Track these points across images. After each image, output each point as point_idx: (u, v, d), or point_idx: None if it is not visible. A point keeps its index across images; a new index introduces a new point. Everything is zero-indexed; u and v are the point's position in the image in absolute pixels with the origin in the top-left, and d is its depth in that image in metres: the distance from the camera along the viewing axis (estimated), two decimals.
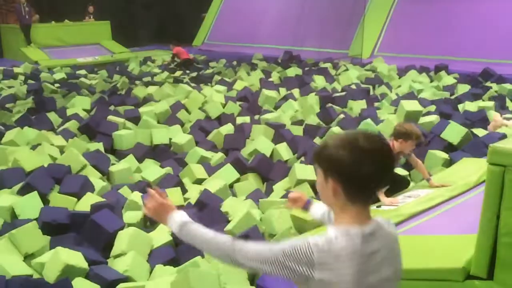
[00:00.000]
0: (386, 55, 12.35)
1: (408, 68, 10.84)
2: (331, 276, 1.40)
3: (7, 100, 8.91)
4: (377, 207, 3.81)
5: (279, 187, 5.12)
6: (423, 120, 6.53)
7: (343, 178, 1.44)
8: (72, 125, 6.90)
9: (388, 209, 3.70)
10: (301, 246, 1.43)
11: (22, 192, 4.60)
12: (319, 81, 9.73)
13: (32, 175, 4.86)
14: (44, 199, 4.58)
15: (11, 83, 10.88)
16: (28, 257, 3.66)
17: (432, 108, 7.34)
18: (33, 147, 5.82)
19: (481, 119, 6.73)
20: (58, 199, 4.55)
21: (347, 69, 11.03)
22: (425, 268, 2.61)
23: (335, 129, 6.09)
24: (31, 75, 11.84)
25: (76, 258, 3.38)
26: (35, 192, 4.49)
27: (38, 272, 3.42)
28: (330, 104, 7.76)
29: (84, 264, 3.38)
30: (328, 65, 11.71)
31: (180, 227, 1.66)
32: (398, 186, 4.31)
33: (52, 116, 7.47)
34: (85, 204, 4.45)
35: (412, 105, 6.78)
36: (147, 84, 10.18)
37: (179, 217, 1.68)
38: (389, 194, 4.07)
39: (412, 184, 4.66)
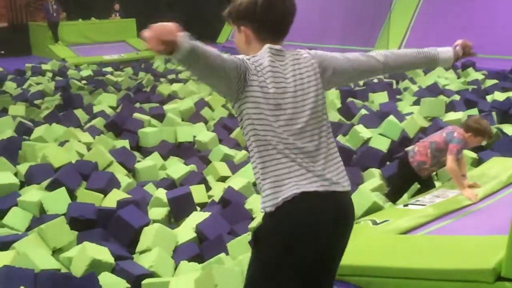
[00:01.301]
0: None
1: None
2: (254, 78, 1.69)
3: (36, 97, 9.08)
4: (404, 206, 3.78)
5: None
6: (449, 117, 6.43)
7: (250, 19, 1.74)
8: (98, 122, 7.00)
9: (416, 209, 3.66)
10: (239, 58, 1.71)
11: (51, 187, 4.68)
12: None
13: (60, 171, 4.95)
14: (72, 195, 4.66)
15: (39, 79, 11.08)
16: (56, 252, 3.73)
17: (457, 97, 7.24)
18: (61, 144, 5.92)
19: (510, 107, 6.58)
20: (85, 195, 4.63)
21: None
22: (454, 268, 2.57)
23: (358, 127, 6.04)
24: (59, 72, 12.05)
25: (102, 253, 3.44)
26: (63, 188, 4.57)
27: (66, 266, 3.48)
28: (351, 99, 7.71)
29: (110, 259, 3.43)
30: None
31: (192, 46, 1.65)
32: (426, 185, 4.26)
33: (79, 113, 7.59)
34: (111, 200, 4.51)
35: (435, 99, 6.71)
36: (171, 82, 10.27)
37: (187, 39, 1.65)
38: (416, 193, 4.04)
39: (438, 183, 4.60)
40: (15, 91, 9.79)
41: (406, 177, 4.31)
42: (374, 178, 4.91)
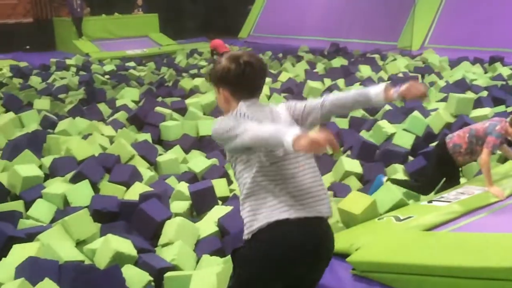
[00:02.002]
0: (437, 46, 11.98)
1: (460, 60, 10.47)
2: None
3: (60, 91, 9.20)
4: (429, 202, 3.72)
5: (325, 180, 5.02)
6: (476, 113, 6.30)
7: (227, 82, 1.97)
8: (121, 115, 7.05)
9: (440, 205, 3.60)
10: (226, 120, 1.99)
11: (74, 180, 4.74)
12: (364, 70, 9.56)
13: (83, 164, 5.00)
14: (95, 188, 4.70)
15: (63, 74, 11.22)
16: (79, 243, 3.77)
17: (484, 93, 7.09)
18: (85, 137, 5.98)
19: None
20: (108, 188, 4.67)
21: (395, 59, 10.79)
22: (480, 266, 2.52)
23: (382, 123, 5.97)
24: (83, 67, 12.18)
25: (125, 245, 3.46)
26: (87, 181, 4.62)
27: (89, 258, 3.52)
28: None
29: (133, 252, 3.45)
30: (375, 55, 11.49)
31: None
32: (452, 181, 4.18)
33: (102, 107, 7.66)
34: (133, 193, 4.54)
35: (463, 95, 6.56)
36: (193, 76, 10.29)
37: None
38: (441, 189, 3.96)
39: (463, 180, 4.51)
40: (40, 85, 9.93)
41: (440, 160, 4.19)
42: (397, 173, 4.85)
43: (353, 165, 5.05)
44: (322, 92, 8.27)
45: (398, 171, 4.97)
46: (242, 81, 1.97)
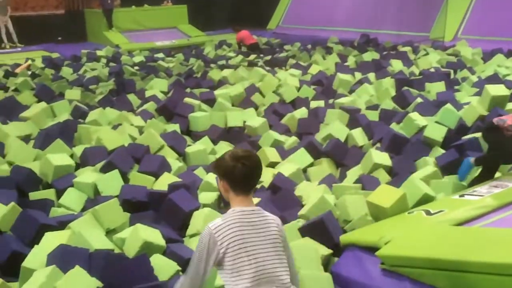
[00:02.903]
0: (470, 37, 11.70)
1: (494, 52, 10.17)
2: (224, 243, 2.13)
3: (91, 82, 9.32)
4: (460, 196, 3.64)
5: (353, 173, 5.02)
6: (510, 106, 6.12)
7: (228, 179, 2.22)
8: (150, 106, 7.11)
9: (472, 199, 3.52)
10: (203, 233, 2.20)
11: (104, 169, 4.80)
12: (396, 65, 9.41)
13: (113, 154, 5.06)
14: (124, 177, 4.75)
15: (94, 65, 11.37)
16: (109, 232, 3.82)
17: None
18: (114, 127, 6.05)
19: None
20: (137, 178, 4.71)
21: (427, 53, 10.58)
22: None
23: (413, 115, 5.85)
24: (113, 58, 12.32)
25: (154, 235, 3.49)
26: (116, 170, 4.67)
27: (119, 247, 3.56)
28: (406, 88, 7.48)
29: (161, 242, 3.48)
30: (407, 49, 11.28)
31: None
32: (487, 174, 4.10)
33: (132, 98, 7.73)
34: (162, 183, 4.57)
35: (497, 89, 6.35)
36: (222, 67, 10.29)
37: None
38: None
39: (498, 174, 4.40)
40: (71, 76, 10.09)
41: (494, 141, 4.17)
42: (427, 166, 4.76)
43: (382, 157, 4.98)
44: (352, 85, 8.18)
45: (429, 164, 4.88)
46: (238, 180, 2.23)
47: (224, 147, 5.78)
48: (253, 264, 2.14)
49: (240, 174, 2.21)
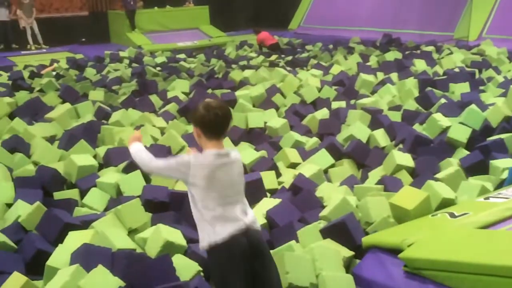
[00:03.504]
0: (495, 37, 11.49)
1: None
2: (196, 174, 2.58)
3: (114, 83, 9.43)
4: (485, 198, 3.58)
5: (375, 174, 4.98)
6: None
7: (201, 126, 2.63)
8: (172, 107, 7.16)
9: (498, 202, 3.46)
10: (184, 159, 2.64)
11: (127, 170, 4.84)
12: (419, 64, 9.30)
13: None
14: (146, 178, 4.79)
15: (117, 66, 11.49)
16: (131, 232, 3.86)
17: None
18: (137, 128, 6.11)
19: None
20: (159, 178, 4.74)
21: (451, 53, 10.43)
22: None
23: (437, 115, 5.78)
24: (135, 59, 12.44)
25: (175, 235, 3.51)
26: (138, 171, 4.69)
27: (141, 247, 3.59)
28: (429, 88, 7.38)
29: (183, 242, 3.50)
30: (430, 48, 11.14)
31: (136, 150, 2.86)
32: None
33: (154, 98, 7.79)
34: (183, 184, 4.58)
35: None
36: (243, 68, 10.31)
37: (137, 145, 2.88)
38: None
39: None
40: (95, 77, 10.22)
41: None
42: (450, 167, 4.68)
43: (405, 159, 4.92)
44: (374, 85, 8.11)
45: (453, 165, 4.81)
46: (210, 127, 2.63)
47: (244, 148, 5.79)
48: (218, 193, 2.58)
49: (212, 122, 2.61)
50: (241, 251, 2.54)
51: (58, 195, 4.58)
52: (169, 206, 4.26)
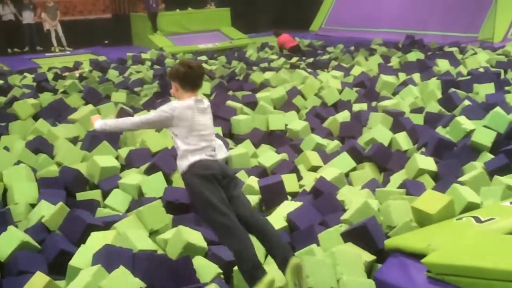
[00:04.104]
0: None
1: None
2: (180, 117, 3.14)
3: (136, 84, 9.51)
4: (511, 203, 3.51)
5: (397, 178, 4.92)
6: None
7: (179, 80, 3.19)
8: None
9: None
10: (169, 104, 3.19)
11: (149, 171, 4.88)
12: (442, 65, 9.15)
13: (157, 156, 5.14)
14: (168, 179, 4.82)
15: (139, 68, 11.59)
16: (152, 233, 3.88)
17: None
18: (158, 130, 6.14)
19: None
20: (180, 180, 4.73)
21: (475, 53, 10.26)
22: None
23: (460, 118, 5.68)
24: (157, 61, 12.54)
25: (196, 237, 3.52)
26: (160, 172, 4.74)
27: (162, 248, 3.61)
28: (453, 89, 7.26)
29: (203, 244, 3.51)
30: (454, 49, 10.97)
31: (104, 123, 3.47)
32: None
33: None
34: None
35: None
36: (264, 70, 10.30)
37: (102, 120, 3.51)
38: None
39: None
40: (117, 78, 10.32)
41: None
42: (474, 170, 4.59)
43: (427, 162, 4.85)
44: (396, 86, 8.02)
45: (477, 169, 4.72)
46: (186, 79, 3.19)
47: (266, 150, 5.78)
48: (193, 140, 3.14)
49: (188, 75, 3.19)
50: (213, 172, 3.08)
51: (80, 196, 4.63)
52: (190, 208, 4.27)
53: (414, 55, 10.18)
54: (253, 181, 4.67)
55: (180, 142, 3.16)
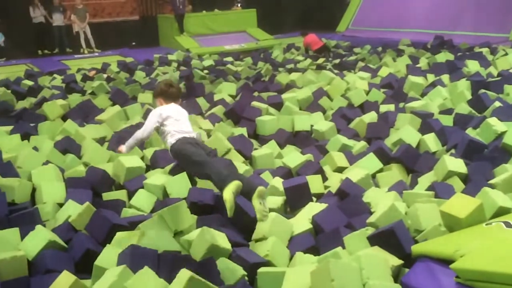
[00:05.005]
0: None
1: None
2: (167, 113, 4.45)
3: None
4: None
5: (425, 180, 4.81)
6: None
7: (163, 96, 4.66)
8: (218, 110, 7.20)
9: None
10: (156, 110, 4.53)
11: (173, 172, 4.89)
12: (472, 66, 8.96)
13: None
14: (192, 180, 4.82)
15: (165, 69, 11.69)
16: (177, 234, 3.87)
17: None
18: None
19: None
20: (204, 181, 4.76)
21: (506, 54, 10.02)
22: None
23: (491, 120, 5.54)
24: (183, 62, 12.62)
25: (220, 238, 3.50)
26: (184, 173, 4.74)
27: (186, 249, 3.60)
28: (483, 90, 7.09)
29: (227, 245, 3.49)
30: (484, 49, 10.74)
31: (127, 145, 4.65)
32: None
33: (201, 101, 7.86)
34: (229, 186, 4.58)
35: None
36: (290, 71, 10.26)
37: (124, 145, 4.68)
38: None
39: None
40: (144, 80, 10.42)
41: None
42: (505, 173, 4.46)
43: (457, 164, 4.74)
44: (424, 88, 7.89)
45: (509, 171, 4.59)
46: (168, 94, 4.63)
47: (291, 151, 5.75)
48: (178, 127, 4.35)
49: (168, 91, 4.62)
50: (192, 141, 4.24)
51: (106, 196, 4.67)
52: (214, 209, 4.27)
53: (443, 56, 10.00)
54: (277, 182, 4.64)
55: (168, 129, 4.33)
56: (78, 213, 4.05)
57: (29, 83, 10.16)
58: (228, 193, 3.59)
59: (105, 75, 10.99)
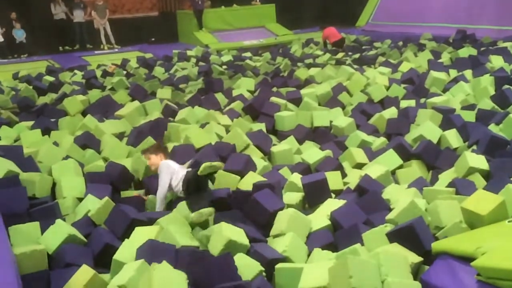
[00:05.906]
0: None
1: None
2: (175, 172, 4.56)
3: (181, 81, 9.61)
4: None
5: (446, 176, 4.74)
6: None
7: (160, 151, 4.88)
8: (237, 105, 7.19)
9: None
10: (168, 169, 4.56)
11: (192, 167, 4.88)
12: (496, 61, 8.77)
13: (200, 152, 5.16)
14: (211, 176, 4.81)
15: (184, 65, 11.72)
16: (195, 229, 3.89)
17: None
18: (202, 126, 6.18)
19: None
20: (223, 176, 4.77)
21: None
22: None
23: None
24: (202, 58, 12.63)
25: (238, 234, 3.50)
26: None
27: (204, 245, 3.61)
28: (507, 86, 6.95)
29: (245, 241, 3.48)
30: (508, 44, 10.51)
31: (158, 206, 4.45)
32: None
33: (219, 97, 7.86)
34: (247, 182, 4.59)
35: None
36: (309, 66, 10.20)
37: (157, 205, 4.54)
38: None
39: None
40: (163, 75, 10.47)
41: None
42: None
43: (479, 161, 4.65)
44: (446, 83, 7.76)
45: None
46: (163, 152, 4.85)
47: (309, 147, 5.71)
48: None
49: (162, 148, 4.91)
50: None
51: (125, 194, 4.71)
52: (232, 205, 4.26)
53: (466, 51, 9.81)
54: (296, 178, 4.61)
55: (172, 184, 4.47)
56: (97, 208, 4.09)
57: (50, 79, 10.30)
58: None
59: (124, 71, 11.07)
